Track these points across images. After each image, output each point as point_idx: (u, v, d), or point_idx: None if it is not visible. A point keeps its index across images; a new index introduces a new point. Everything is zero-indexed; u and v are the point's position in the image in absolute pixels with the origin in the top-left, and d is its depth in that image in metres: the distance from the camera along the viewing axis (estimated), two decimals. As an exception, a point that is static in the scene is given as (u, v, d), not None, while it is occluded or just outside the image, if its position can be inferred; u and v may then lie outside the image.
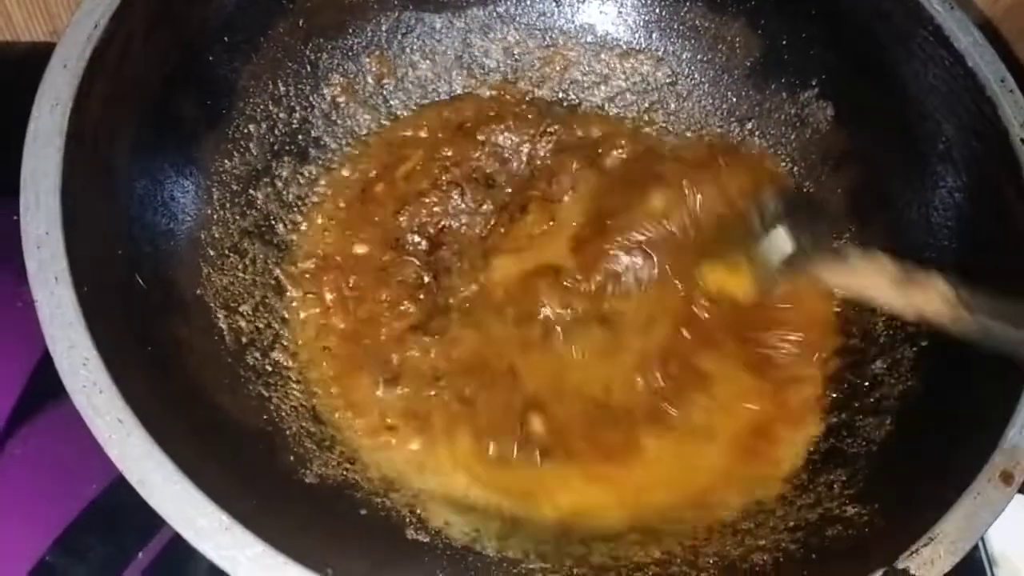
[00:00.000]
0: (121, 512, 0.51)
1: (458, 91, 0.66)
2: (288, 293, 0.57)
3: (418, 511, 0.51)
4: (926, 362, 0.53)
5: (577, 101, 0.66)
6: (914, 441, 0.49)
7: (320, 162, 0.62)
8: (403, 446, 0.53)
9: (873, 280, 0.49)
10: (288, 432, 0.51)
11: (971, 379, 0.49)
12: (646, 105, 0.66)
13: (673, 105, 0.66)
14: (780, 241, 0.51)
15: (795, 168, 0.63)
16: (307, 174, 0.61)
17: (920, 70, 0.56)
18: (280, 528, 0.39)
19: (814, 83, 0.62)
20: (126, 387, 0.40)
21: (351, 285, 0.58)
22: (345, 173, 0.62)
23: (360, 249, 0.60)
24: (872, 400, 0.53)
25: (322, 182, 0.61)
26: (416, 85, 0.65)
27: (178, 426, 0.42)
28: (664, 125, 0.66)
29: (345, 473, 0.51)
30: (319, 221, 0.60)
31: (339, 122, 0.63)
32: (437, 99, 0.65)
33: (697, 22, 0.65)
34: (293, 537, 0.39)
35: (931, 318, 0.46)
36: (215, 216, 0.55)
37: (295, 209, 0.60)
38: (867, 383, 0.54)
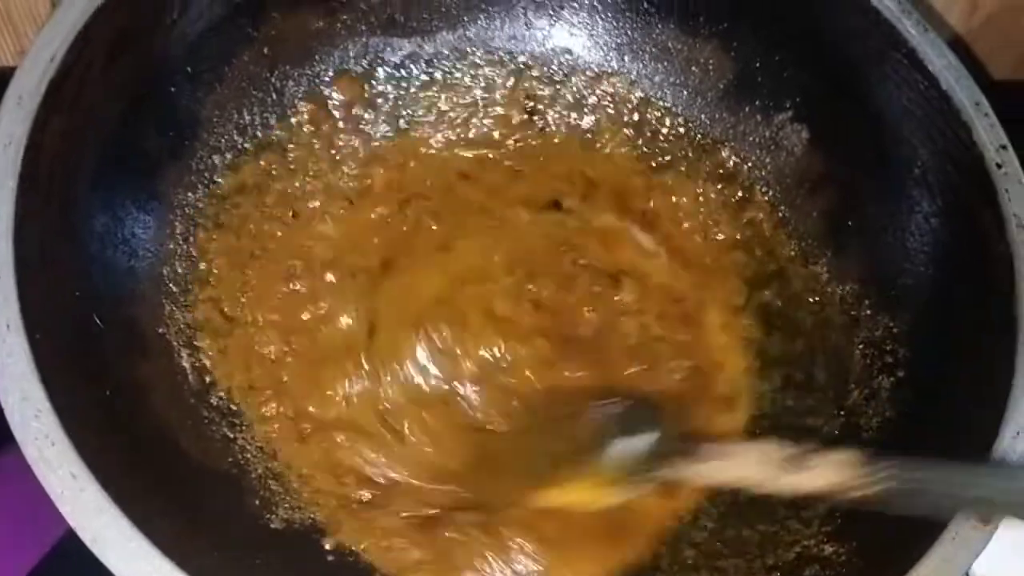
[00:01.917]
0: (82, 559, 0.50)
1: (431, 117, 0.64)
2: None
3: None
4: (903, 393, 0.52)
5: (549, 124, 0.65)
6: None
7: (288, 193, 0.61)
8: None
9: (742, 470, 0.45)
10: (254, 475, 0.50)
11: (945, 415, 0.48)
12: (619, 128, 0.65)
13: (646, 128, 0.65)
14: (632, 449, 0.48)
15: (771, 191, 0.62)
16: (274, 205, 0.60)
17: (894, 93, 0.55)
18: (241, 581, 0.38)
19: (788, 106, 0.61)
20: (80, 439, 0.39)
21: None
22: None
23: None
24: (849, 432, 0.52)
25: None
26: (387, 112, 0.63)
27: (136, 476, 0.41)
28: (637, 147, 0.65)
29: (312, 516, 0.50)
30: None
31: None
32: (408, 126, 0.64)
33: (669, 44, 0.64)
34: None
35: (824, 494, 0.43)
36: (178, 250, 0.54)
37: (262, 241, 0.59)
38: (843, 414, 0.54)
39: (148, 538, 0.37)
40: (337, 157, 0.62)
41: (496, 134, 0.65)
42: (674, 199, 0.64)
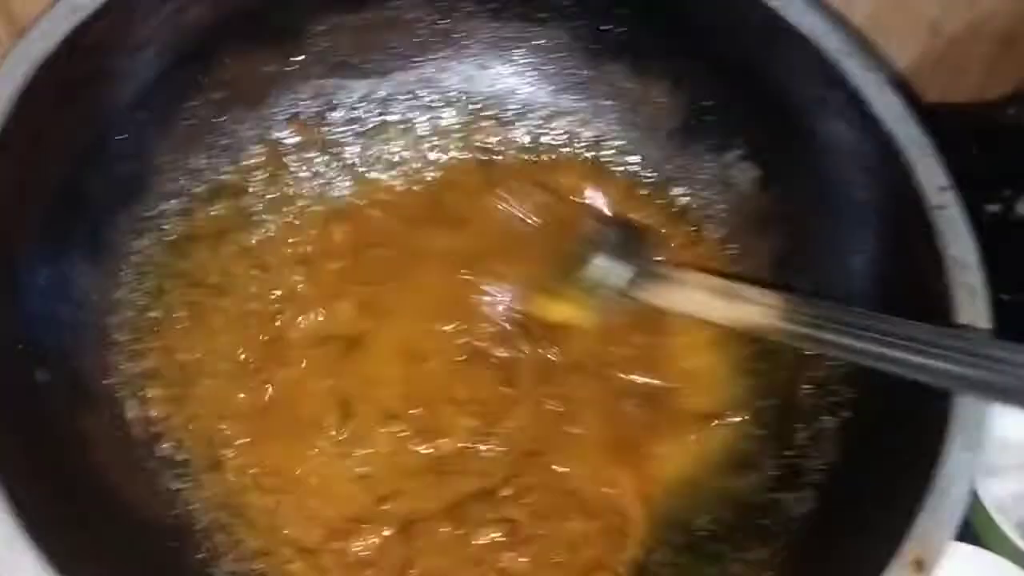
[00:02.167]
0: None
1: (385, 160, 0.65)
2: (202, 375, 0.56)
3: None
4: (848, 435, 0.52)
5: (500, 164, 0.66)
6: (835, 520, 0.49)
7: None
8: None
9: (701, 297, 0.53)
10: (199, 527, 0.50)
11: (885, 458, 0.48)
12: (573, 167, 0.65)
13: (599, 167, 0.65)
14: (608, 268, 0.56)
15: (721, 230, 0.62)
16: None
17: (839, 133, 0.56)
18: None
19: (737, 144, 0.61)
20: (17, 498, 0.39)
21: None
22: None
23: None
24: (794, 473, 0.53)
25: (241, 260, 0.60)
26: (341, 156, 0.64)
27: (74, 535, 0.41)
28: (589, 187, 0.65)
29: (260, 567, 0.50)
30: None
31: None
32: (364, 170, 0.64)
33: (620, 84, 0.64)
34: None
35: (758, 329, 0.51)
36: (126, 299, 0.54)
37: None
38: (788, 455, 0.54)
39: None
40: (293, 203, 0.62)
41: (449, 175, 0.65)
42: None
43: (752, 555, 0.50)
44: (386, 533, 0.53)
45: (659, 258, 0.60)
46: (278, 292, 0.59)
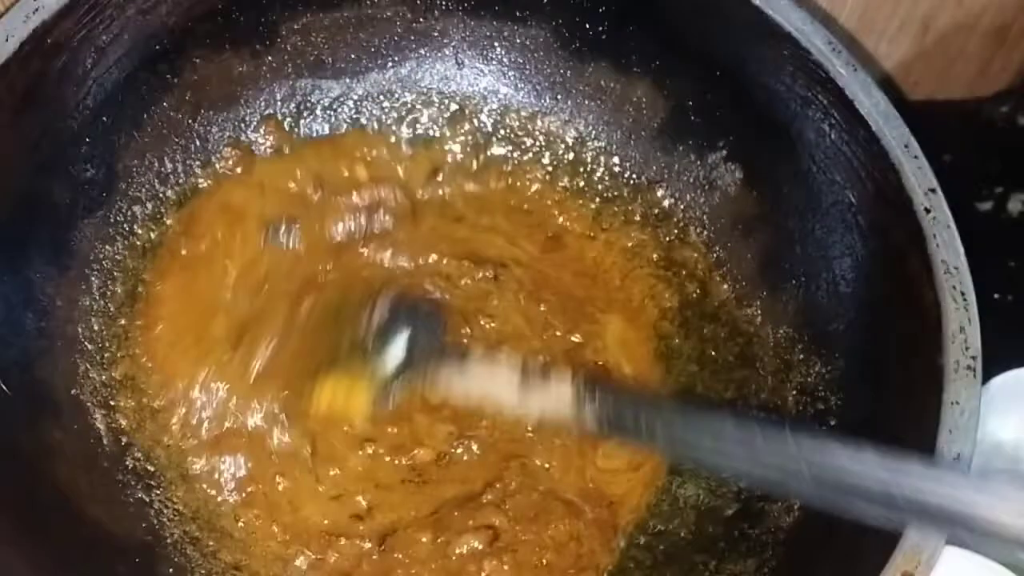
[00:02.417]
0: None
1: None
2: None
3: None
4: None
5: (484, 164, 0.64)
6: (822, 531, 0.47)
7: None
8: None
9: (494, 386, 0.48)
10: (169, 540, 0.49)
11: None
12: (553, 167, 0.64)
13: (581, 167, 0.64)
14: (394, 350, 0.50)
15: (706, 232, 0.61)
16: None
17: (824, 134, 0.54)
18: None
19: (721, 145, 0.60)
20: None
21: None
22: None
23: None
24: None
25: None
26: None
27: (38, 551, 0.40)
28: (571, 185, 0.64)
29: (231, 581, 0.49)
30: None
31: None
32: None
33: (602, 83, 0.63)
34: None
35: (555, 419, 0.47)
36: (94, 307, 0.53)
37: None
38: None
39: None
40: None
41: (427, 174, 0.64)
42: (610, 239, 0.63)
43: (737, 567, 0.48)
44: (365, 546, 0.52)
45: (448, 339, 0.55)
46: (251, 300, 0.57)
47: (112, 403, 0.51)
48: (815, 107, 0.55)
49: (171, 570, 0.47)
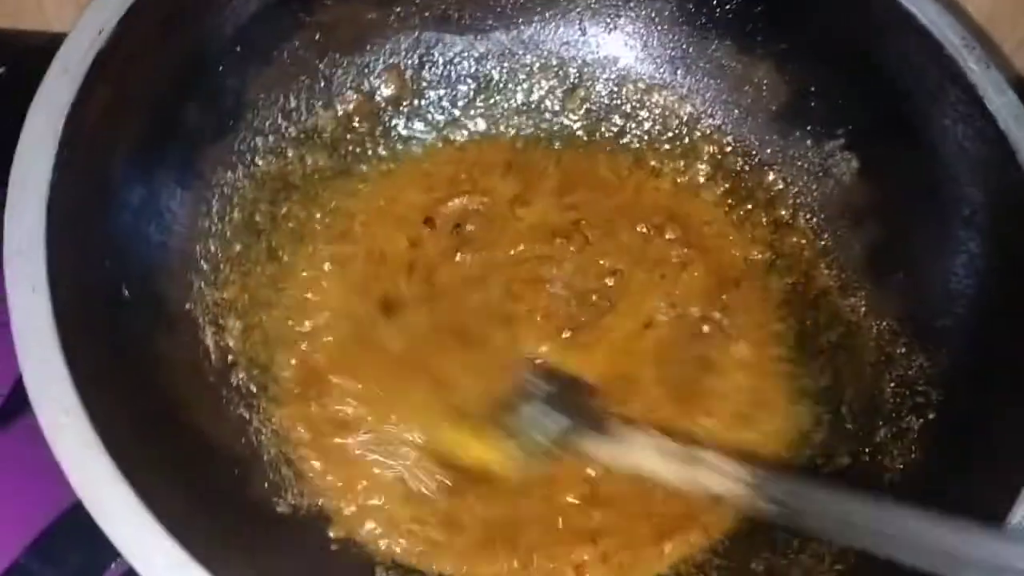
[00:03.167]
0: (90, 528, 0.50)
1: (476, 120, 0.64)
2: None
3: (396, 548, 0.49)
4: (931, 436, 0.50)
5: (594, 134, 0.65)
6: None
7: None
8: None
9: (648, 458, 0.47)
10: (266, 457, 0.50)
11: (971, 465, 0.46)
12: (665, 142, 0.64)
13: (691, 144, 0.64)
14: (547, 418, 0.50)
15: (815, 219, 0.61)
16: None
17: (949, 129, 0.54)
18: (239, 564, 0.38)
19: (840, 133, 0.60)
20: (95, 408, 0.39)
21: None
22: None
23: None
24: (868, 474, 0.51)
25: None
26: (434, 110, 0.64)
27: (147, 451, 0.41)
28: (681, 164, 0.64)
29: (320, 504, 0.50)
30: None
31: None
32: (453, 124, 0.64)
33: (724, 61, 0.63)
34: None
35: (716, 494, 0.45)
36: (213, 229, 0.54)
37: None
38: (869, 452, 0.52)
39: (152, 512, 0.37)
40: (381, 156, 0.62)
41: (541, 136, 0.64)
42: (712, 218, 0.63)
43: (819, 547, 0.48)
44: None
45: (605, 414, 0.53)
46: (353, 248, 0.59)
47: (221, 322, 0.53)
48: (943, 101, 0.54)
49: (266, 485, 0.48)
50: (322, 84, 0.60)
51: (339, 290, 0.57)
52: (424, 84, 0.64)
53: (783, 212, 0.62)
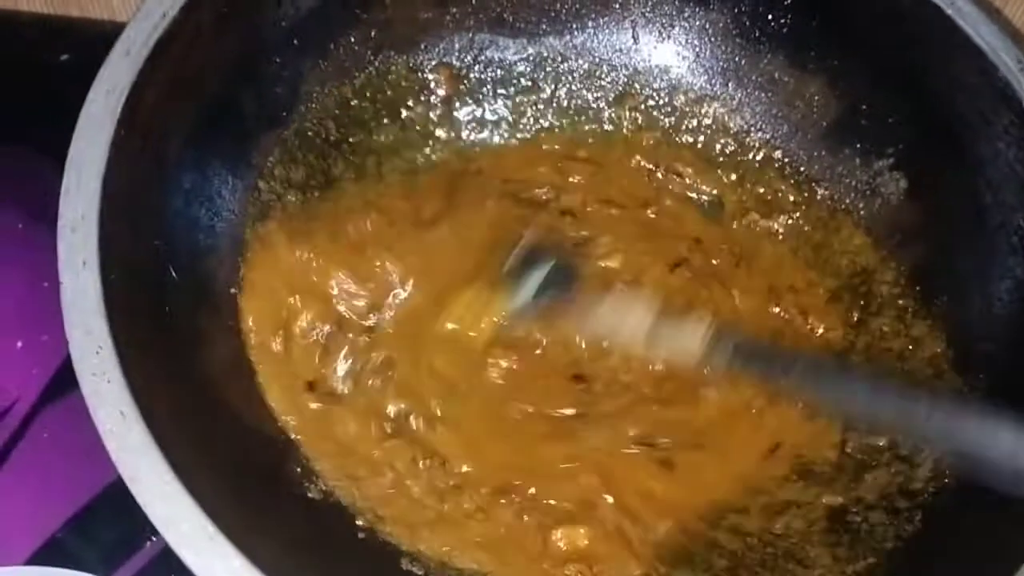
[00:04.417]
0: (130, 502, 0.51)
1: (527, 122, 0.65)
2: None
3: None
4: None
5: (641, 142, 0.65)
6: (940, 545, 0.46)
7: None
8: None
9: (625, 323, 0.51)
10: (299, 443, 0.51)
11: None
12: (713, 154, 0.64)
13: (740, 157, 0.64)
14: (532, 279, 0.54)
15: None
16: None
17: (1002, 153, 0.53)
18: (267, 544, 0.39)
19: (890, 152, 0.59)
20: (136, 380, 0.40)
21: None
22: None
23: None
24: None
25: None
26: (484, 112, 0.64)
27: (183, 426, 0.42)
28: (729, 176, 0.64)
29: (351, 492, 0.50)
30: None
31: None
32: (503, 128, 0.64)
33: (776, 75, 0.62)
34: (278, 556, 0.39)
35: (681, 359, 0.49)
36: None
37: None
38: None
39: (184, 485, 0.38)
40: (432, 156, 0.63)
41: (587, 140, 0.65)
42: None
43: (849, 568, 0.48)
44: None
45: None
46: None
47: (262, 308, 0.54)
48: (995, 124, 0.53)
49: (298, 470, 0.49)
50: (376, 80, 0.61)
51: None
52: (475, 84, 0.64)
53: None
